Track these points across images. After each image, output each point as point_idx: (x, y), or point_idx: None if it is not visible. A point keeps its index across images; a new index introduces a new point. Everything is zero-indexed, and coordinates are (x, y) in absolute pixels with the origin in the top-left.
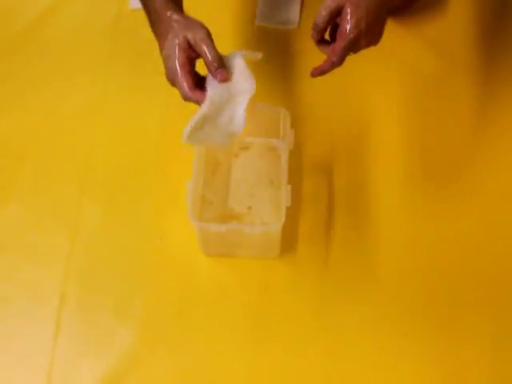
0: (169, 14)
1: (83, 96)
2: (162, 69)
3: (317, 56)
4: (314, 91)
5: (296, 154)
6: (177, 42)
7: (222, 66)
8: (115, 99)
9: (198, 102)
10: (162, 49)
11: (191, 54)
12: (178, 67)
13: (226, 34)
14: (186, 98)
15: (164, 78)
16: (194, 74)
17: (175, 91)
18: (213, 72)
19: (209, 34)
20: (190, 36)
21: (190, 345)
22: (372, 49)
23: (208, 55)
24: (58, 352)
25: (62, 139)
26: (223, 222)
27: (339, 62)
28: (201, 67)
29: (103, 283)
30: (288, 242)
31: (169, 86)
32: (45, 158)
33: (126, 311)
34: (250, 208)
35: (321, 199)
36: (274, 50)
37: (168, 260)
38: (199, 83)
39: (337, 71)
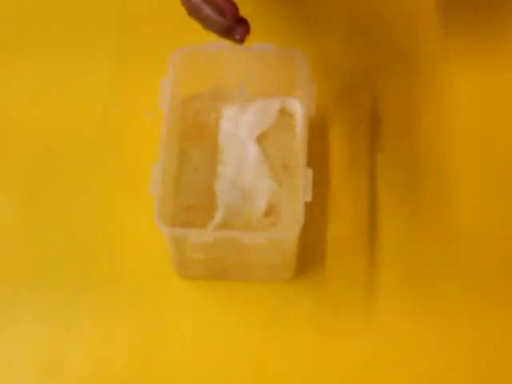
0: None
1: None
2: None
3: None
4: (346, 26)
5: (320, 123)
6: None
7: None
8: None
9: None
10: None
11: None
12: None
13: None
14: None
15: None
16: None
17: (130, 36)
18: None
19: None
20: None
21: None
22: None
23: None
24: None
25: None
26: (209, 226)
27: None
28: None
29: (21, 320)
30: (309, 256)
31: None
32: None
33: (56, 367)
34: (250, 206)
35: (358, 192)
36: None
37: (123, 286)
38: None
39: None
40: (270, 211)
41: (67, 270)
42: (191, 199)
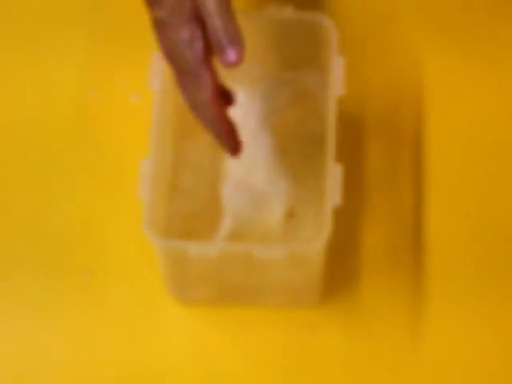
0: None
1: None
2: None
3: None
4: None
5: (351, 107)
6: (186, 14)
7: (235, 42)
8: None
9: (221, 125)
10: (152, 6)
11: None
12: (198, 55)
13: None
14: (206, 105)
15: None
16: None
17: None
18: (222, 49)
19: None
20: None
21: None
22: None
23: (216, 22)
24: None
25: None
26: (213, 237)
27: None
28: None
29: None
30: (339, 275)
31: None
32: None
33: None
34: (264, 212)
35: (400, 194)
36: None
37: (106, 313)
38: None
39: None
40: (289, 214)
41: (38, 294)
42: (190, 205)
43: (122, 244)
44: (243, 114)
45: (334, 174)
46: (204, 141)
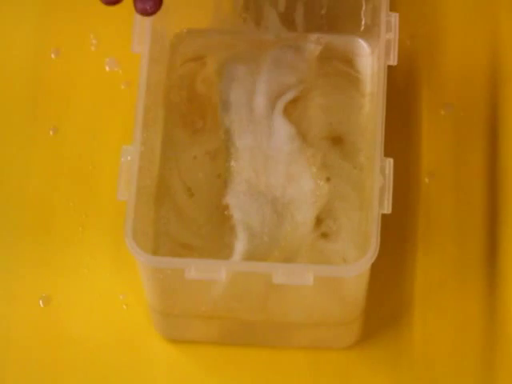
0: None
1: None
2: None
3: None
4: None
5: (405, 82)
6: None
7: None
8: None
9: None
10: None
11: None
12: None
13: None
14: None
15: None
16: None
17: None
18: None
19: None
20: None
21: None
22: None
23: None
24: None
25: None
26: (217, 256)
27: None
28: None
29: None
30: (384, 308)
31: None
32: None
33: None
34: (289, 223)
35: (467, 202)
36: None
37: (66, 354)
38: None
39: None
40: (319, 225)
41: None
42: (183, 220)
43: (92, 264)
44: (244, 90)
45: (382, 172)
46: (209, 131)
